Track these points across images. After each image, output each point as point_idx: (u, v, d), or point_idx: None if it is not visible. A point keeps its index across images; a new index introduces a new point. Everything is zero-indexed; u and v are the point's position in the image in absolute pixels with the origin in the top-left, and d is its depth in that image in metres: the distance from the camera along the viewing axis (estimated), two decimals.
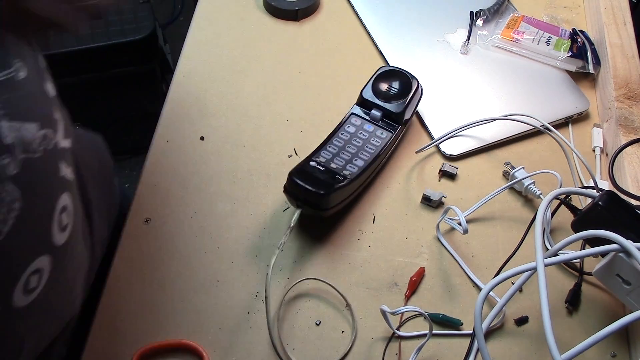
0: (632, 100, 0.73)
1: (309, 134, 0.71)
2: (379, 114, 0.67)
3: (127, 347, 0.54)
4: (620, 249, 0.49)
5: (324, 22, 0.84)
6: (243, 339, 0.56)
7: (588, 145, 0.73)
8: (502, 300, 0.52)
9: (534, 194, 0.66)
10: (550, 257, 0.51)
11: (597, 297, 0.61)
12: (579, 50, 0.79)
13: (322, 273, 0.60)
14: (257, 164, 0.68)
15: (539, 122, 0.71)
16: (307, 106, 0.74)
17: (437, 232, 0.64)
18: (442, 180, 0.69)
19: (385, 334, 0.57)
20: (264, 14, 0.84)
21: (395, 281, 0.60)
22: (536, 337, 0.58)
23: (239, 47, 0.80)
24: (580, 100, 0.76)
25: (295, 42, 0.81)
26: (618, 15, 0.83)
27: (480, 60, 0.80)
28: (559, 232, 0.65)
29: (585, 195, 0.61)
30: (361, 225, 0.64)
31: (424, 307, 0.58)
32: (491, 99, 0.76)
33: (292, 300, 0.59)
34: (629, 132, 0.70)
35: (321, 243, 0.63)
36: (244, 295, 0.59)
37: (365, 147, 0.65)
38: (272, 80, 0.77)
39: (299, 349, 0.56)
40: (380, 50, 0.80)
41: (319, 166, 0.62)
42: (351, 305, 0.58)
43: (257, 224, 0.64)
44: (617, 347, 0.57)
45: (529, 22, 0.82)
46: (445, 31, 0.83)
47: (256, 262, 0.61)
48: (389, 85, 0.68)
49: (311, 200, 0.59)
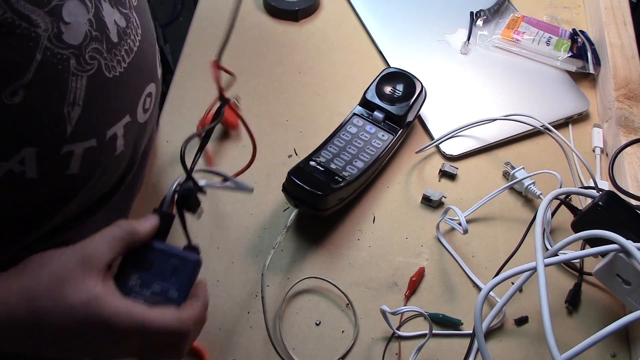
0: (632, 100, 0.73)
1: (309, 134, 0.71)
2: (381, 116, 0.67)
3: None
4: (620, 249, 0.49)
5: (324, 22, 0.84)
6: (243, 339, 0.56)
7: (588, 145, 0.73)
8: (502, 300, 0.52)
9: (534, 194, 0.66)
10: (550, 257, 0.51)
11: (597, 297, 0.61)
12: (579, 50, 0.79)
13: (322, 273, 0.60)
14: (257, 164, 0.68)
15: (539, 122, 0.71)
16: (307, 106, 0.74)
17: (437, 232, 0.64)
18: (442, 180, 0.69)
19: (385, 334, 0.57)
20: (264, 14, 0.84)
21: (395, 281, 0.60)
22: (536, 337, 0.58)
23: (239, 47, 0.80)
24: (580, 101, 0.76)
25: (295, 42, 0.81)
26: (618, 15, 0.83)
27: (480, 60, 0.80)
28: (559, 232, 0.65)
29: (585, 195, 0.61)
30: (361, 225, 0.64)
31: (424, 307, 0.58)
32: (491, 99, 0.76)
33: (292, 300, 0.59)
34: (629, 132, 0.70)
35: (321, 243, 0.63)
36: (244, 295, 0.59)
37: (366, 149, 0.65)
38: (272, 80, 0.77)
39: (299, 349, 0.56)
40: (380, 51, 0.80)
41: (318, 166, 0.62)
42: (352, 304, 0.58)
43: (257, 224, 0.64)
44: (617, 347, 0.57)
45: (529, 22, 0.82)
46: (445, 31, 0.83)
47: (256, 262, 0.61)
48: (392, 87, 0.68)
49: (309, 201, 0.59)
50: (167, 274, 0.44)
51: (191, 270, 0.45)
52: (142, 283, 0.43)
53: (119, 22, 0.47)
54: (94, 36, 0.43)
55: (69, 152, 0.44)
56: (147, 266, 0.44)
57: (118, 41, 0.46)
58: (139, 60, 0.50)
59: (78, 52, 0.42)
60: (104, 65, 0.45)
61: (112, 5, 0.46)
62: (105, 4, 0.45)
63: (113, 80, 0.46)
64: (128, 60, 0.48)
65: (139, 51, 0.50)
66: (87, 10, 0.43)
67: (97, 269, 0.41)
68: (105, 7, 0.45)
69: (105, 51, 0.45)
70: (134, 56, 0.49)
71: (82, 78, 0.43)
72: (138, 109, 0.52)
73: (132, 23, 0.49)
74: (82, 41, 0.42)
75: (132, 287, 0.43)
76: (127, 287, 0.43)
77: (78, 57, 0.42)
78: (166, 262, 0.44)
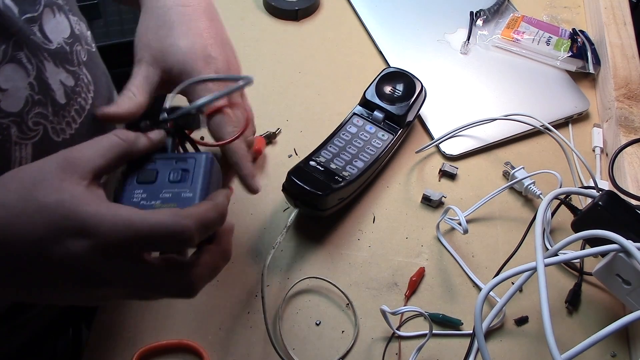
0: (632, 100, 0.73)
1: (309, 134, 0.71)
2: (381, 116, 0.67)
3: (127, 347, 0.54)
4: (620, 249, 0.49)
5: (324, 22, 0.84)
6: (243, 339, 0.56)
7: (588, 145, 0.73)
8: (502, 300, 0.52)
9: (534, 194, 0.66)
10: (550, 257, 0.51)
11: (597, 297, 0.61)
12: (579, 50, 0.79)
13: (322, 273, 0.60)
14: (257, 163, 0.68)
15: (539, 122, 0.71)
16: (307, 106, 0.74)
17: (437, 232, 0.64)
18: (442, 180, 0.69)
19: (385, 334, 0.57)
20: (264, 14, 0.84)
21: (395, 281, 0.60)
22: (536, 337, 0.58)
23: (239, 47, 0.79)
24: (580, 100, 0.76)
25: (295, 42, 0.81)
26: (618, 15, 0.83)
27: (480, 60, 0.80)
28: (559, 232, 0.65)
29: (585, 195, 0.61)
30: (361, 225, 0.64)
31: (424, 307, 0.57)
32: (491, 99, 0.76)
33: (292, 299, 0.59)
34: (629, 132, 0.70)
35: (321, 243, 0.63)
36: (244, 295, 0.59)
37: (366, 149, 0.65)
38: (272, 80, 0.77)
39: (299, 349, 0.56)
40: (380, 50, 0.80)
41: (318, 166, 0.62)
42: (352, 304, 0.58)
43: (257, 224, 0.63)
44: (617, 347, 0.57)
45: (529, 22, 0.82)
46: (445, 31, 0.83)
47: (256, 262, 0.61)
48: (392, 87, 0.68)
49: (309, 201, 0.59)
50: (176, 178, 0.37)
51: (204, 167, 0.38)
52: (148, 196, 0.37)
53: (66, 81, 0.43)
54: (37, 100, 0.40)
55: None
56: (152, 177, 0.37)
57: (66, 102, 0.43)
58: (93, 118, 0.46)
59: (19, 119, 0.39)
60: (50, 129, 0.42)
61: (57, 65, 0.42)
62: (49, 64, 0.41)
63: (63, 144, 0.43)
64: (80, 120, 0.45)
65: (92, 109, 0.46)
66: (26, 73, 0.39)
67: (81, 173, 0.34)
68: (49, 67, 0.41)
69: (51, 114, 0.42)
70: (86, 114, 0.46)
71: (26, 146, 0.40)
72: None
73: (81, 80, 0.45)
74: (22, 107, 0.39)
75: (137, 201, 0.36)
76: (130, 203, 0.36)
77: (20, 125, 0.39)
78: (173, 167, 0.38)
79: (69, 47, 0.44)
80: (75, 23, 0.46)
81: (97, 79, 0.48)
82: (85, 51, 0.47)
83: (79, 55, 0.45)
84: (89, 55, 0.48)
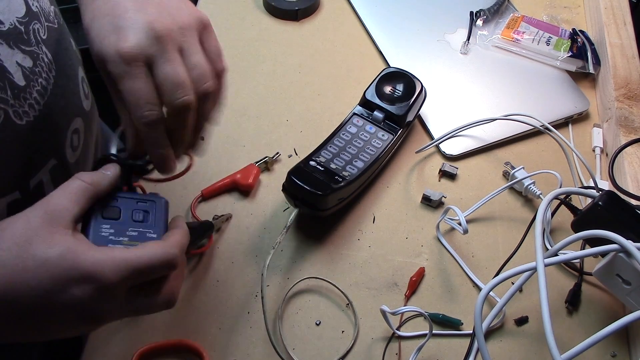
0: (632, 100, 0.73)
1: (309, 134, 0.71)
2: (381, 116, 0.67)
3: (127, 347, 0.54)
4: (620, 249, 0.49)
5: (324, 22, 0.84)
6: (243, 339, 0.56)
7: (588, 145, 0.73)
8: (502, 300, 0.52)
9: (534, 194, 0.66)
10: (550, 257, 0.51)
11: (597, 297, 0.61)
12: (579, 50, 0.79)
13: (322, 273, 0.60)
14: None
15: (539, 122, 0.71)
16: (307, 106, 0.74)
17: (437, 232, 0.64)
18: (442, 180, 0.69)
19: (385, 334, 0.57)
20: (264, 14, 0.84)
21: (395, 281, 0.60)
22: (536, 337, 0.58)
23: (239, 47, 0.80)
24: (580, 100, 0.76)
25: (295, 42, 0.81)
26: (618, 15, 0.83)
27: (480, 60, 0.80)
28: (559, 232, 0.65)
29: (585, 195, 0.61)
30: (361, 225, 0.64)
31: (424, 307, 0.58)
32: (491, 99, 0.76)
33: (292, 300, 0.59)
34: (629, 132, 0.70)
35: (321, 243, 0.63)
36: (244, 295, 0.59)
37: (366, 149, 0.65)
38: (272, 80, 0.77)
39: (299, 349, 0.56)
40: (380, 50, 0.80)
41: (318, 166, 0.62)
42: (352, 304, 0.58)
43: (257, 224, 0.63)
44: (617, 347, 0.57)
45: (529, 22, 0.82)
46: (445, 31, 0.83)
47: (256, 262, 0.61)
48: (392, 87, 0.68)
49: (309, 201, 0.59)
50: (139, 218, 0.42)
51: (163, 209, 0.43)
52: (115, 232, 0.40)
53: (23, 62, 0.43)
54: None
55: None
56: (116, 215, 0.41)
57: (26, 84, 0.43)
58: (57, 98, 0.46)
59: None
60: (12, 113, 0.41)
61: (11, 46, 0.42)
62: (2, 46, 0.41)
63: (26, 127, 0.43)
64: (43, 101, 0.44)
65: (55, 88, 0.46)
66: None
67: (64, 224, 0.37)
68: (2, 49, 0.41)
69: (11, 98, 0.41)
70: (49, 95, 0.45)
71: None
72: (66, 149, 0.48)
73: (41, 60, 0.45)
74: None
75: (107, 237, 0.40)
76: (101, 238, 0.39)
77: None
78: (135, 207, 0.42)
79: (24, 26, 0.43)
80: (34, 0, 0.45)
81: (59, 57, 0.47)
82: (45, 28, 0.45)
83: (37, 34, 0.44)
84: (50, 32, 0.46)
